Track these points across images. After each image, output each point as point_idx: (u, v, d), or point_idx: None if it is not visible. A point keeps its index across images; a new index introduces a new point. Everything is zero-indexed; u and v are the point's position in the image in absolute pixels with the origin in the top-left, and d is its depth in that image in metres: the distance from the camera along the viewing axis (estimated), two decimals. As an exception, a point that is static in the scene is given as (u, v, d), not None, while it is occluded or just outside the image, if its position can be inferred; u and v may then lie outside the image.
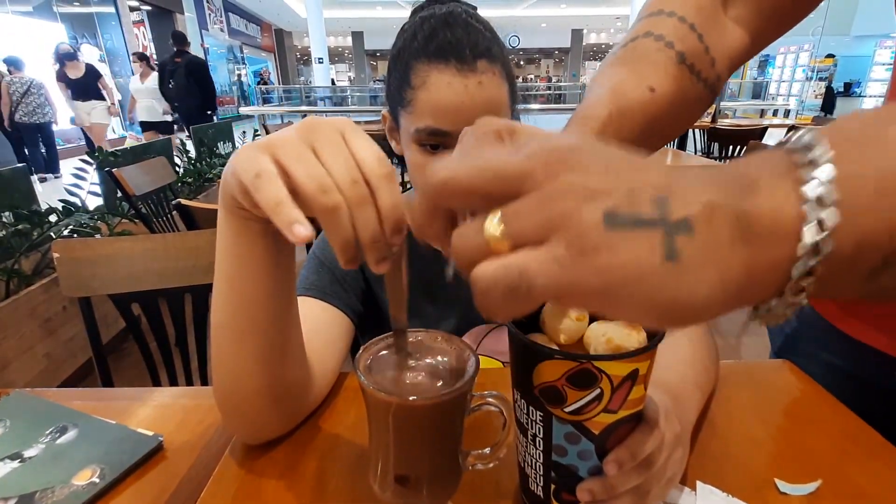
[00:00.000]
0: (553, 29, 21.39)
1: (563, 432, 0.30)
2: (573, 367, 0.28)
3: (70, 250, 0.85)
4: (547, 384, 0.29)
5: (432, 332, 0.33)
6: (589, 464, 0.31)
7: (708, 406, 0.49)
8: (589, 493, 0.31)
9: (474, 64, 0.50)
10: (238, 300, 0.37)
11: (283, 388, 0.42)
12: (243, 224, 0.34)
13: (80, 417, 0.48)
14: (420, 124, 0.52)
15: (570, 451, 0.31)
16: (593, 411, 0.29)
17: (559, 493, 0.33)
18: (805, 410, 0.49)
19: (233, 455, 0.43)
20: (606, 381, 0.28)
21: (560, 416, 0.30)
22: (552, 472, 0.32)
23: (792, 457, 0.42)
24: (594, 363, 0.27)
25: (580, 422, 0.29)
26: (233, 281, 0.37)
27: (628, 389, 0.29)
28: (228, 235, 0.35)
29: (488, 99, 0.51)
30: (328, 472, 0.41)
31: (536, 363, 0.29)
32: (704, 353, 0.50)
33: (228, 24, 14.00)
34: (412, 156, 0.55)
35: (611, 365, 0.28)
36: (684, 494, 0.37)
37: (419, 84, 0.51)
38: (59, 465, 0.42)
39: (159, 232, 1.82)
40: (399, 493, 0.32)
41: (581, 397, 0.28)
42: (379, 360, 0.32)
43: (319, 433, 0.45)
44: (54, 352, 1.65)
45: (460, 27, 0.52)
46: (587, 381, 0.28)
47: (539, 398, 0.30)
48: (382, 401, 0.29)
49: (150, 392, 0.55)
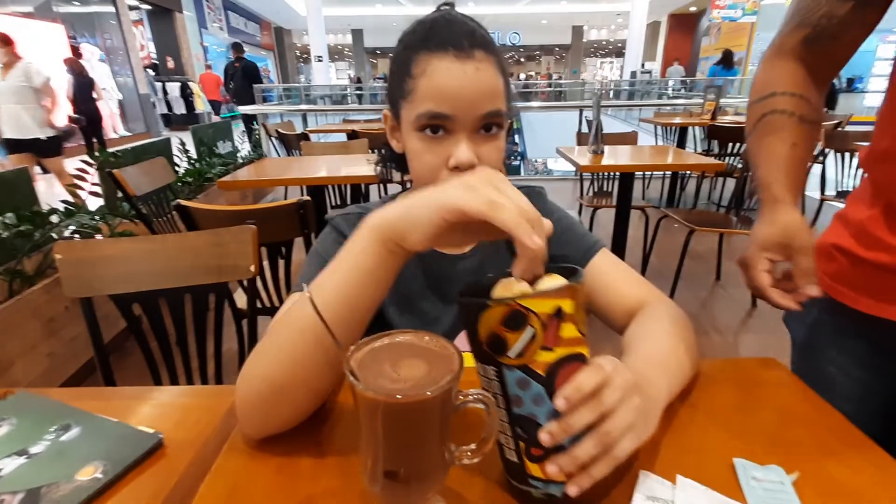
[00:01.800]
0: (554, 26, 21.32)
1: (514, 379, 0.34)
2: (505, 312, 0.33)
3: (72, 251, 0.86)
4: (490, 334, 0.33)
5: (419, 332, 0.35)
6: (545, 409, 0.34)
7: (690, 400, 0.50)
8: (548, 434, 0.34)
9: (472, 52, 0.53)
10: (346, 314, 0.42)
11: (323, 396, 0.47)
12: (391, 256, 0.41)
13: (83, 416, 0.50)
14: (421, 109, 0.54)
15: (525, 398, 0.34)
16: (532, 350, 0.33)
17: (528, 451, 0.36)
18: (788, 406, 0.50)
19: (230, 452, 0.44)
20: (535, 318, 0.32)
21: (507, 362, 0.34)
22: (517, 427, 0.35)
23: (773, 451, 0.43)
24: (519, 301, 0.32)
25: (525, 364, 0.34)
26: (353, 297, 0.42)
27: (557, 326, 0.33)
28: (372, 263, 0.41)
29: (485, 84, 0.54)
30: (323, 468, 0.42)
31: (478, 317, 0.33)
32: (679, 343, 0.52)
33: (228, 23, 14.00)
34: (413, 144, 0.57)
35: (534, 302, 0.32)
36: (664, 488, 0.38)
37: (419, 73, 0.54)
38: (64, 462, 0.44)
39: (160, 232, 1.83)
40: (388, 487, 0.33)
41: (518, 338, 0.33)
42: (368, 359, 0.33)
43: (315, 429, 0.47)
44: (57, 351, 1.67)
45: (458, 24, 0.55)
46: (519, 322, 0.33)
47: (488, 351, 0.34)
48: (371, 400, 0.30)
49: (150, 391, 0.56)
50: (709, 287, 2.54)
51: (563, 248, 0.68)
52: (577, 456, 0.34)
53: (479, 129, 0.56)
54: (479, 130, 0.56)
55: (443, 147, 0.55)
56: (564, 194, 4.44)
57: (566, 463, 0.34)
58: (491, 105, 0.54)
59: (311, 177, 2.01)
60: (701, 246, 2.99)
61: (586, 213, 3.23)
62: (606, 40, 25.90)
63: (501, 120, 0.57)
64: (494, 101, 0.55)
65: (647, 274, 2.62)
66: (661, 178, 4.42)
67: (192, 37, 11.42)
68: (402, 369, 0.32)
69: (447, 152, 0.55)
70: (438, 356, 0.33)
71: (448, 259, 0.66)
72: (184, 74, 11.24)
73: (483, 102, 0.54)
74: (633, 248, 2.75)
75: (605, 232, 2.91)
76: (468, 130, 0.55)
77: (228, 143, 4.03)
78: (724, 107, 4.76)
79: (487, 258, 0.68)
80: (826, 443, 0.45)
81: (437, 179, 0.56)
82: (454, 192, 0.37)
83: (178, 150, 3.15)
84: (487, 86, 0.54)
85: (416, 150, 0.57)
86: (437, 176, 0.56)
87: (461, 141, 0.54)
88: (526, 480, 0.36)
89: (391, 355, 0.33)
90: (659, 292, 0.62)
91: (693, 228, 2.18)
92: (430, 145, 0.55)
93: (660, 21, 18.78)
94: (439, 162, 0.56)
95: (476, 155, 0.55)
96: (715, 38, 14.28)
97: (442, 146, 0.55)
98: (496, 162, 0.57)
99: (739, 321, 2.21)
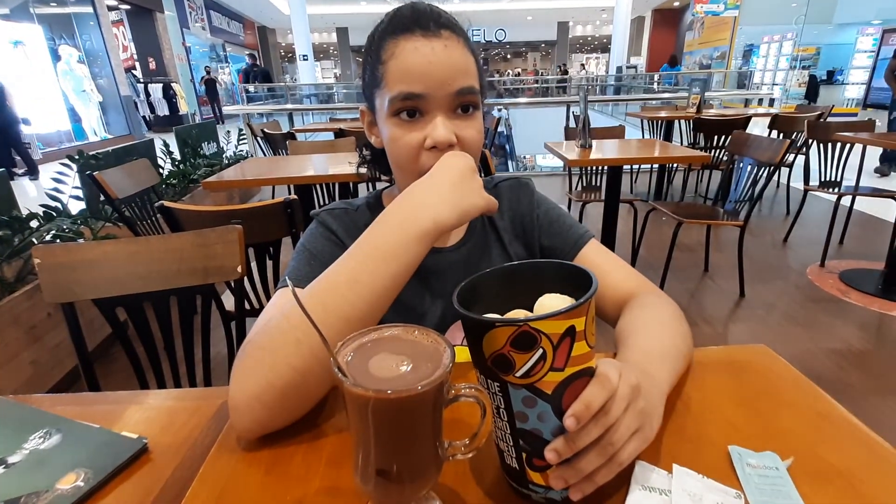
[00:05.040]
0: (539, 22, 21.36)
1: (520, 397, 0.33)
2: (513, 332, 0.30)
3: (51, 255, 0.84)
4: (495, 353, 0.32)
5: (408, 327, 0.34)
6: (550, 425, 0.33)
7: (685, 390, 0.50)
8: (554, 452, 0.33)
9: (438, 31, 0.54)
10: (382, 301, 0.46)
11: (331, 385, 0.46)
12: (427, 248, 0.47)
13: (64, 423, 0.48)
14: (393, 92, 0.53)
15: (530, 415, 0.33)
16: (541, 372, 0.31)
17: (531, 461, 0.35)
18: (781, 392, 0.50)
19: (218, 454, 0.43)
20: (546, 340, 0.31)
21: (513, 381, 0.32)
22: (520, 440, 0.34)
23: (767, 437, 0.43)
24: (530, 324, 0.30)
25: (532, 384, 0.32)
26: (392, 287, 0.46)
27: (569, 346, 0.31)
28: (413, 256, 0.46)
29: (455, 61, 0.54)
30: (313, 469, 0.41)
31: (483, 335, 0.31)
32: (675, 334, 0.52)
33: (210, 22, 13.79)
34: (390, 130, 0.56)
35: (545, 324, 0.30)
36: (660, 477, 0.38)
37: (388, 57, 0.54)
38: (44, 471, 0.42)
39: (144, 235, 1.80)
40: (381, 486, 0.32)
41: (527, 360, 0.31)
42: (356, 355, 0.32)
43: (304, 430, 0.46)
44: (41, 359, 1.63)
45: (422, 8, 0.56)
46: (529, 343, 0.31)
47: (492, 369, 0.32)
48: (360, 396, 0.29)
49: (135, 395, 0.55)
50: (697, 278, 2.56)
51: (552, 239, 0.68)
52: (581, 468, 0.33)
53: (456, 108, 0.55)
54: (457, 110, 0.55)
55: (419, 129, 0.54)
56: (553, 189, 4.45)
57: (571, 475, 0.34)
58: (464, 81, 0.54)
59: (299, 176, 1.99)
60: (689, 238, 3.02)
61: (575, 208, 3.24)
62: (592, 36, 26.03)
63: (476, 99, 0.56)
64: (467, 77, 0.54)
65: (637, 266, 2.63)
66: (649, 172, 4.45)
67: (173, 37, 11.22)
68: (392, 364, 0.31)
69: (424, 133, 0.54)
70: (428, 350, 0.32)
71: (434, 251, 0.66)
72: (166, 75, 11.06)
73: (455, 79, 0.53)
74: (623, 242, 2.77)
75: (595, 226, 2.92)
76: (444, 110, 0.54)
77: (213, 143, 3.97)
78: (709, 100, 4.80)
79: (475, 249, 0.67)
80: (819, 427, 0.45)
81: (417, 163, 0.55)
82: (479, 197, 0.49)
83: (161, 151, 3.10)
84: (458, 62, 0.54)
85: (392, 135, 0.55)
86: (415, 159, 0.55)
87: (437, 119, 0.53)
88: (526, 486, 0.36)
89: (380, 350, 0.32)
90: (648, 282, 0.62)
91: (681, 221, 2.20)
92: (406, 129, 0.55)
93: (644, 16, 18.92)
94: (416, 144, 0.54)
95: (454, 135, 0.54)
96: (698, 33, 14.43)
97: (418, 128, 0.54)
98: (475, 142, 0.56)
99: (728, 311, 2.24)
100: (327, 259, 0.59)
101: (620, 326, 0.55)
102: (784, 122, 3.53)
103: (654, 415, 0.39)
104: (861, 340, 1.96)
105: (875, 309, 2.19)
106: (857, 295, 2.31)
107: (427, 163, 0.54)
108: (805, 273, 2.58)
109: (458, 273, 0.64)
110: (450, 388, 0.32)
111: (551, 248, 0.67)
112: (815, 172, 2.86)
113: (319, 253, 0.60)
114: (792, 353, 1.87)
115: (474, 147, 0.56)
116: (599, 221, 2.48)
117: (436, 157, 0.54)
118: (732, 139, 2.38)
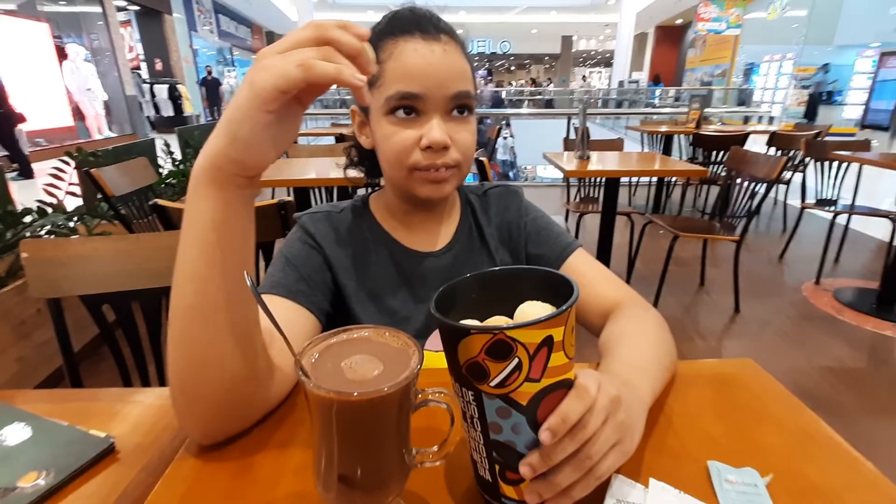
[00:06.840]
0: (544, 35, 21.58)
1: (494, 408, 0.31)
2: (488, 340, 0.29)
3: (39, 250, 0.83)
4: (470, 360, 0.30)
5: (379, 328, 0.33)
6: (525, 438, 0.32)
7: (667, 403, 0.49)
8: (528, 467, 0.32)
9: (438, 35, 0.54)
10: (210, 273, 0.37)
11: (247, 376, 0.41)
12: (234, 192, 0.36)
13: (33, 419, 0.47)
14: (391, 91, 0.53)
15: (504, 426, 0.32)
16: (516, 382, 0.30)
17: (504, 473, 0.33)
18: (764, 408, 0.49)
19: (185, 456, 0.42)
20: (522, 349, 0.29)
21: (487, 391, 0.31)
22: (493, 451, 0.33)
23: (748, 453, 0.42)
24: (506, 332, 0.29)
25: (506, 394, 0.31)
26: (209, 253, 0.37)
27: (546, 356, 0.30)
28: (212, 207, 0.36)
29: (454, 64, 0.54)
30: (282, 474, 0.40)
31: (458, 342, 0.30)
32: (659, 345, 0.51)
33: (218, 26, 13.91)
34: (384, 128, 0.56)
35: (522, 333, 0.29)
36: (636, 491, 0.37)
37: (386, 57, 0.54)
38: (5, 468, 0.41)
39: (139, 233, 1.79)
40: (343, 493, 0.31)
41: (502, 369, 0.30)
42: (322, 356, 0.31)
43: (273, 435, 0.45)
44: (27, 355, 1.62)
45: (421, 12, 0.56)
46: (504, 352, 0.29)
47: (467, 376, 0.31)
48: (323, 398, 0.28)
49: (107, 392, 0.54)
50: (693, 292, 2.56)
51: (539, 247, 0.68)
52: (557, 483, 0.32)
53: (451, 110, 0.55)
54: (452, 112, 0.55)
55: (414, 128, 0.54)
56: (553, 200, 4.46)
57: (546, 490, 0.32)
58: (461, 85, 0.54)
59: (298, 178, 1.99)
60: (685, 252, 3.01)
61: (573, 219, 3.25)
62: (595, 50, 26.26)
63: (472, 102, 0.56)
64: (464, 81, 0.55)
65: (633, 279, 2.63)
66: (647, 186, 4.46)
67: (181, 39, 11.30)
68: (358, 366, 0.30)
69: (419, 133, 0.54)
70: (397, 352, 0.31)
71: (419, 256, 0.65)
72: (172, 77, 11.12)
73: (453, 82, 0.54)
74: (619, 254, 2.76)
75: (591, 237, 2.92)
76: (440, 111, 0.54)
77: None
78: (709, 116, 4.83)
79: (460, 254, 0.66)
80: (801, 444, 0.44)
81: (408, 161, 0.55)
82: (260, 78, 0.33)
83: (162, 151, 3.10)
84: (456, 66, 0.54)
85: (386, 133, 0.55)
86: (408, 157, 0.55)
87: (433, 120, 0.54)
88: (499, 499, 0.34)
89: (347, 352, 0.32)
90: (634, 293, 0.61)
91: (677, 234, 2.20)
92: (401, 127, 0.54)
93: (647, 33, 19.11)
94: (410, 142, 0.54)
95: (449, 136, 0.54)
96: (700, 50, 14.57)
97: (413, 127, 0.54)
98: (469, 144, 0.57)
99: (723, 326, 2.23)
100: (302, 264, 0.59)
101: (604, 337, 0.55)
102: (782, 140, 3.55)
103: (634, 427, 0.38)
104: (854, 359, 1.95)
105: (869, 328, 2.18)
106: (851, 313, 2.31)
107: (418, 161, 0.55)
108: (800, 290, 2.58)
109: (443, 278, 0.64)
110: (417, 392, 0.31)
111: (538, 257, 0.67)
112: (811, 190, 2.87)
113: (294, 258, 0.59)
114: (784, 370, 1.85)
115: (468, 149, 0.57)
116: (596, 233, 2.48)
117: (428, 158, 0.54)
118: (730, 155, 2.39)
